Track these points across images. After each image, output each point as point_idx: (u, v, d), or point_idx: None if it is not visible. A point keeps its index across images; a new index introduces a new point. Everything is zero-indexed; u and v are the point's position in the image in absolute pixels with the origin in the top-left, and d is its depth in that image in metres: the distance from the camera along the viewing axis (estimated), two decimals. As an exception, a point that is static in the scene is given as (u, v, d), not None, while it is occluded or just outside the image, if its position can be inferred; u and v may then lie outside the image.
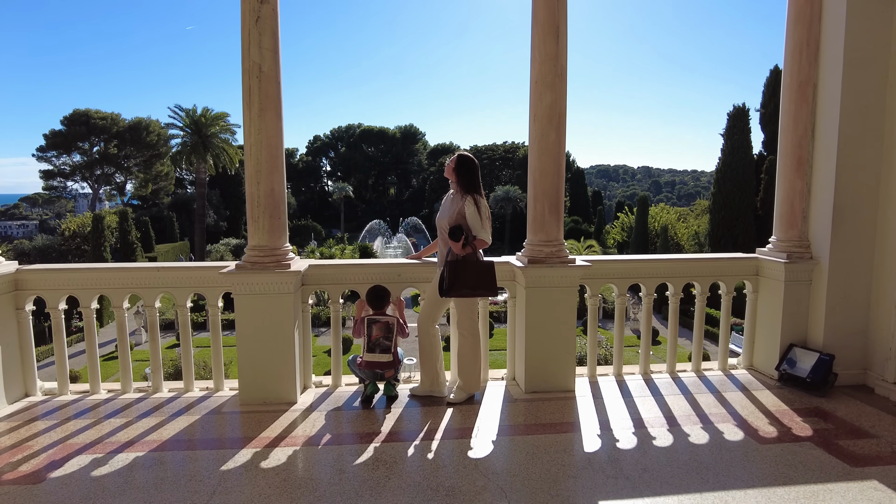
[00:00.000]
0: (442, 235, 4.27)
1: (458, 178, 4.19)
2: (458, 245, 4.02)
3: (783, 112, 4.87)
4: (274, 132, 4.21)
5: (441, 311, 4.40)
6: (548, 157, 4.42)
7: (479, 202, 4.14)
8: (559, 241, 4.50)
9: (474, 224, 4.13)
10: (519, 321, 4.65)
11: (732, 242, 38.73)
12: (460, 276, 4.05)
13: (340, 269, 4.59)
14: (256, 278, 4.17)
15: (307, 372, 4.67)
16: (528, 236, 4.61)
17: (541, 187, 4.47)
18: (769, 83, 39.49)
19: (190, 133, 43.10)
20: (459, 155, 4.24)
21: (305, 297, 4.58)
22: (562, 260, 4.45)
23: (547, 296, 4.44)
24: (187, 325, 4.65)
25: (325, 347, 22.57)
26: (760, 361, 5.10)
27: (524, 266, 4.40)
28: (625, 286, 4.95)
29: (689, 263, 5.06)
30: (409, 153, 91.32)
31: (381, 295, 4.36)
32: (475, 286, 4.07)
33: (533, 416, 4.09)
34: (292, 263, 4.30)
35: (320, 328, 29.85)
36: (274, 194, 4.24)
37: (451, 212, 4.19)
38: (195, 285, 4.58)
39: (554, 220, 4.47)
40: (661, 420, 4.04)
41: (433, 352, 4.40)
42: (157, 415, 4.17)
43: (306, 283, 4.57)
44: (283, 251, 4.31)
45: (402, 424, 3.97)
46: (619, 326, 5.01)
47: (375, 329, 4.27)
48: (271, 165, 4.21)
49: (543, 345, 4.49)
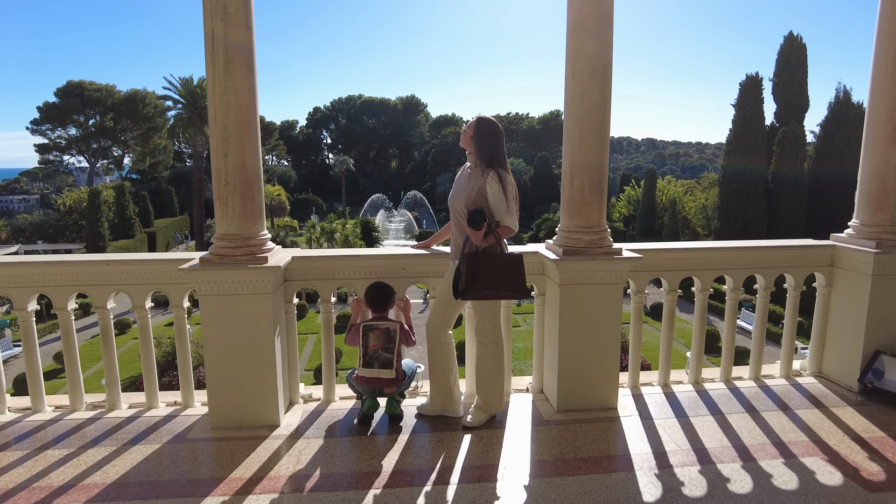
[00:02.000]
0: (456, 220, 3.42)
1: (478, 147, 3.32)
2: (478, 235, 3.17)
3: (876, 67, 3.94)
4: (244, 91, 3.33)
5: (455, 313, 3.58)
6: (590, 121, 3.53)
7: (505, 179, 3.28)
8: (602, 228, 3.64)
9: (498, 207, 3.28)
10: (550, 324, 3.83)
11: (742, 217, 37.70)
12: (481, 272, 3.21)
13: (331, 262, 3.75)
14: (225, 275, 3.34)
15: (293, 385, 3.88)
16: (562, 221, 3.75)
17: (580, 159, 3.58)
18: (783, 51, 37.86)
19: (185, 104, 41.73)
20: (479, 119, 3.36)
21: (289, 296, 3.75)
22: (605, 250, 3.60)
23: (587, 295, 3.61)
24: (147, 330, 3.84)
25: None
26: (833, 369, 4.29)
27: (559, 258, 3.55)
28: (676, 280, 4.11)
29: (753, 253, 4.20)
30: (411, 125, 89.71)
31: (385, 294, 3.53)
32: (500, 285, 3.23)
33: (571, 447, 3.29)
34: (270, 256, 3.46)
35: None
36: (246, 169, 3.38)
37: (468, 191, 3.33)
38: (154, 282, 3.76)
39: (596, 200, 3.60)
40: (731, 451, 3.24)
41: (445, 363, 3.59)
42: (110, 442, 3.38)
43: (290, 278, 3.74)
44: (258, 240, 3.46)
45: (409, 459, 3.18)
46: (667, 328, 4.19)
47: (373, 338, 3.46)
48: (241, 133, 3.34)
49: (581, 354, 3.68)
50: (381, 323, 3.48)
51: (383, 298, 3.52)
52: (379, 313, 3.54)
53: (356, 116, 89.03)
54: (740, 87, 38.78)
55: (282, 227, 53.14)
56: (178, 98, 42.02)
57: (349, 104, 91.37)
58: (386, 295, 3.53)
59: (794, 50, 37.30)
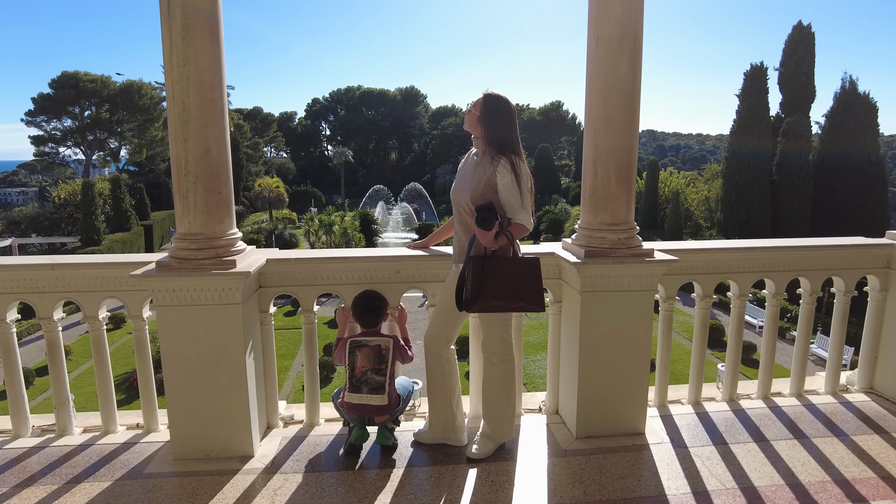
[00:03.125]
0: (460, 216, 2.89)
1: (487, 130, 2.79)
2: (488, 235, 2.63)
3: None
4: (207, 63, 2.78)
5: (458, 326, 3.05)
6: (617, 98, 2.99)
7: (519, 168, 2.75)
8: (630, 225, 3.11)
9: (510, 201, 2.75)
10: (568, 336, 3.31)
11: (746, 209, 37.12)
12: (490, 279, 2.68)
13: (313, 266, 3.21)
14: (185, 282, 2.81)
15: (271, 406, 3.36)
16: (583, 217, 3.21)
17: (605, 143, 3.04)
18: (791, 40, 37.14)
19: (181, 95, 40.89)
20: (487, 96, 2.82)
21: (265, 304, 3.23)
22: (635, 251, 3.07)
23: (613, 303, 3.08)
24: (101, 344, 3.31)
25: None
26: (888, 385, 3.77)
27: (580, 261, 3.01)
28: (712, 284, 3.58)
29: (799, 253, 3.66)
30: (411, 116, 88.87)
31: (374, 307, 3.01)
32: (512, 296, 2.70)
33: (595, 485, 2.77)
34: (240, 258, 2.93)
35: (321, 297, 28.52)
36: (210, 156, 2.84)
37: (474, 182, 2.80)
38: (108, 288, 3.22)
39: (624, 192, 3.07)
40: (786, 492, 2.73)
41: (447, 384, 3.07)
42: (51, 479, 2.87)
43: (265, 284, 3.21)
44: (226, 241, 2.93)
45: (403, 501, 2.67)
46: (700, 339, 3.66)
47: (361, 357, 2.93)
48: (204, 113, 2.80)
49: (604, 372, 3.16)
50: (370, 339, 2.96)
51: (373, 312, 2.99)
52: (368, 328, 3.01)
53: (355, 108, 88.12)
54: (745, 77, 38.14)
55: (280, 219, 52.66)
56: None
57: (348, 95, 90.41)
58: (376, 307, 3.00)
59: (803, 39, 36.61)
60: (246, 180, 62.27)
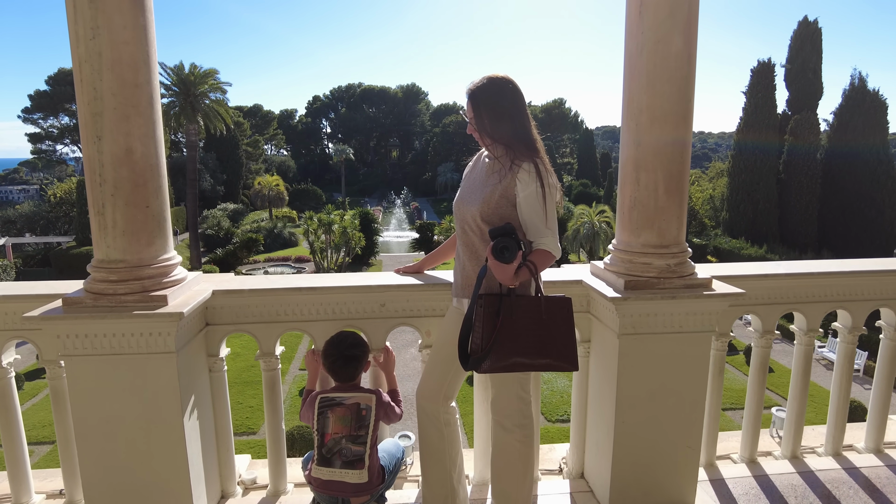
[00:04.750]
0: (466, 237, 2.20)
1: (492, 130, 2.10)
2: (507, 270, 1.93)
3: None
4: (127, 36, 2.09)
5: (462, 377, 2.37)
6: (667, 82, 2.29)
7: (545, 175, 2.06)
8: (682, 248, 2.42)
9: (533, 219, 2.06)
10: (600, 387, 2.62)
11: (752, 208, 36.40)
12: (507, 328, 1.99)
13: (274, 298, 2.52)
14: (100, 326, 2.13)
15: (226, 471, 2.68)
16: (620, 235, 2.51)
17: (650, 142, 2.34)
18: (797, 36, 36.38)
19: (177, 93, 40.24)
20: (476, 89, 2.13)
21: (214, 346, 2.54)
22: (688, 282, 2.37)
23: (660, 348, 2.39)
24: (8, 396, 2.62)
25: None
26: None
27: (619, 296, 2.31)
28: (774, 317, 2.88)
29: (887, 279, 2.94)
30: (412, 114, 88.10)
31: (352, 356, 2.31)
32: (537, 350, 2.01)
33: None
34: (174, 293, 2.24)
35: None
36: (134, 159, 2.15)
37: (485, 192, 2.11)
38: (11, 327, 2.53)
39: (675, 204, 2.37)
40: None
41: (446, 452, 2.38)
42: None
43: (214, 321, 2.52)
44: (157, 269, 2.24)
45: None
46: (758, 382, 2.96)
47: (333, 420, 2.24)
48: (125, 102, 2.11)
49: (647, 432, 2.48)
50: (346, 396, 2.27)
51: (349, 363, 2.30)
52: (344, 382, 2.33)
53: (356, 105, 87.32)
54: (752, 74, 37.48)
55: (280, 217, 51.96)
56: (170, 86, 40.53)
57: (349, 93, 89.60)
58: (353, 357, 2.31)
59: (809, 35, 35.88)
60: (246, 178, 61.67)
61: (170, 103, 40.21)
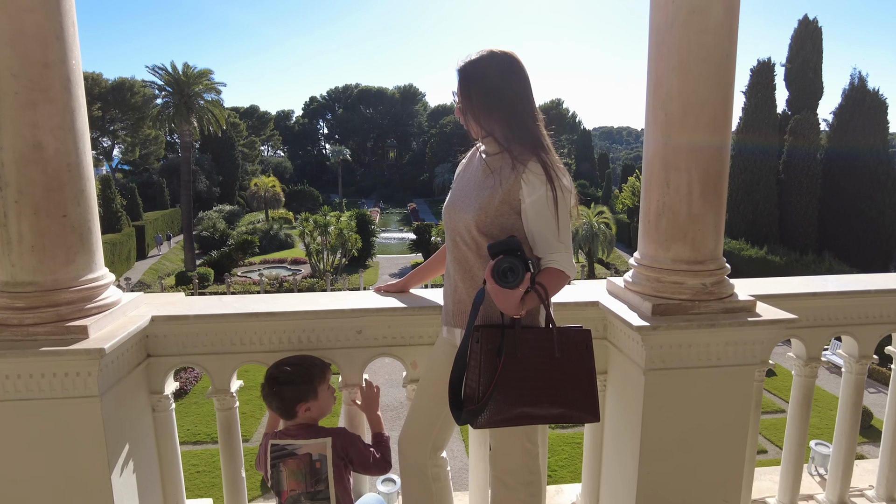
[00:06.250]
0: (457, 249, 1.78)
1: (486, 121, 1.69)
2: (512, 297, 1.52)
3: None
4: (31, 2, 1.67)
5: (453, 423, 1.95)
6: (704, 63, 1.87)
7: (556, 175, 1.64)
8: (719, 263, 2.00)
9: (542, 231, 1.65)
10: (620, 430, 2.19)
11: (752, 208, 36.06)
12: (511, 372, 1.57)
13: (226, 325, 2.08)
14: (3, 365, 1.70)
15: (174, 530, 2.25)
16: (644, 248, 2.09)
17: (682, 137, 1.92)
18: (797, 35, 36.09)
19: (171, 93, 39.77)
20: (490, 54, 1.71)
21: (157, 382, 2.11)
22: (728, 305, 1.95)
23: (694, 385, 1.97)
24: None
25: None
26: None
27: (647, 324, 1.89)
28: (821, 341, 2.47)
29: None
30: (409, 114, 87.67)
31: (287, 381, 1.88)
32: (550, 399, 1.59)
33: None
34: (98, 322, 1.81)
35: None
36: (45, 157, 1.72)
37: (483, 196, 1.69)
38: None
39: (712, 213, 1.95)
40: None
41: (435, 511, 1.96)
42: None
43: (157, 351, 2.09)
44: (78, 293, 1.81)
45: None
46: (800, 417, 2.54)
47: (287, 473, 1.83)
48: (30, 86, 1.68)
49: (677, 487, 2.05)
50: (297, 444, 1.84)
51: (283, 388, 1.87)
52: (292, 420, 1.90)
53: (353, 106, 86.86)
54: (751, 74, 37.18)
55: (276, 219, 51.44)
56: (164, 86, 40.06)
57: (346, 93, 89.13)
58: (289, 382, 1.87)
59: (810, 34, 35.64)
60: (242, 179, 61.16)
61: (164, 104, 39.84)
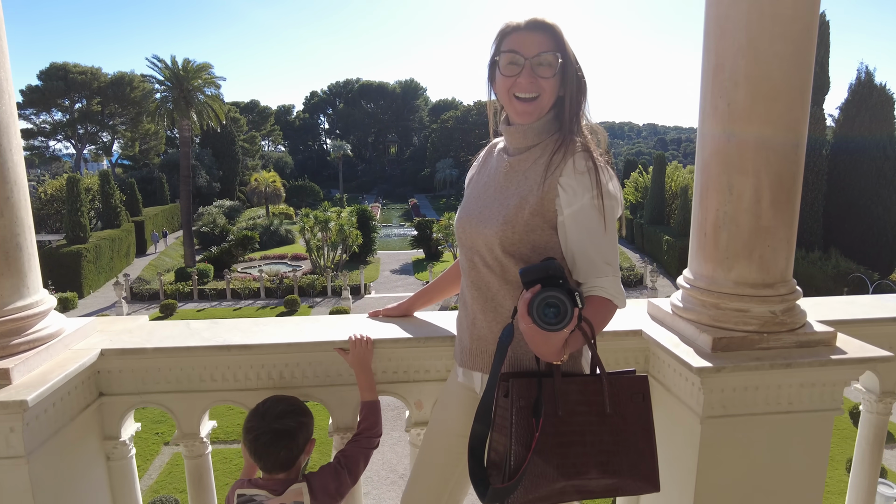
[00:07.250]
0: (475, 272, 1.42)
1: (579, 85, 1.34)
2: (555, 341, 1.15)
3: None
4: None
5: (468, 484, 1.60)
6: (778, 38, 1.51)
7: (603, 177, 1.28)
8: (790, 287, 1.64)
9: (586, 248, 1.29)
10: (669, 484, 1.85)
11: (756, 204, 35.65)
12: (552, 434, 1.20)
13: (191, 359, 1.72)
14: None
15: None
16: (698, 266, 1.73)
17: (749, 131, 1.56)
18: (805, 28, 35.63)
19: (171, 87, 39.33)
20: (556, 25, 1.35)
21: (113, 427, 1.76)
22: (803, 339, 1.60)
23: (759, 435, 1.62)
24: None
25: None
26: None
27: (709, 365, 1.53)
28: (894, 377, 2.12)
29: None
30: (410, 109, 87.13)
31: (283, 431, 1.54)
32: (599, 467, 1.23)
33: None
34: (26, 362, 1.45)
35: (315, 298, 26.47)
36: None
37: (507, 207, 1.34)
38: None
39: (784, 225, 1.60)
40: None
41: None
42: None
43: (110, 389, 1.74)
44: (4, 326, 1.46)
45: None
46: (871, 460, 2.19)
47: None
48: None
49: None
50: (266, 499, 1.50)
51: (278, 441, 1.52)
52: (272, 474, 1.56)
53: (354, 101, 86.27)
54: (758, 67, 36.73)
55: (276, 214, 51.00)
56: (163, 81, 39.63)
57: (347, 88, 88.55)
58: (284, 433, 1.53)
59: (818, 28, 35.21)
60: (242, 174, 60.72)
61: (162, 98, 39.48)
